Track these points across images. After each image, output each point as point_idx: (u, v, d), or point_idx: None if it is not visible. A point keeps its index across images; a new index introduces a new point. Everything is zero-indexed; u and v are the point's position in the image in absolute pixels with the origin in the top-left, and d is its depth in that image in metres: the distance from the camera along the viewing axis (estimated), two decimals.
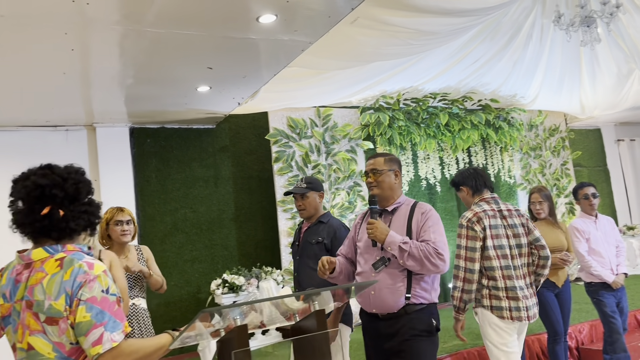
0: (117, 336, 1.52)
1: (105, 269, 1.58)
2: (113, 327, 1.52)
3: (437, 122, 7.15)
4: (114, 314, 1.54)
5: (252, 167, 6.54)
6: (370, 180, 2.73)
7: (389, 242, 2.58)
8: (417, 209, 2.71)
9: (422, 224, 2.66)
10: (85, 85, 4.51)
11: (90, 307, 1.51)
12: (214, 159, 6.38)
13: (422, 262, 2.55)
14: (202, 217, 6.21)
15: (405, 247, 2.55)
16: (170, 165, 6.15)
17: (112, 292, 1.56)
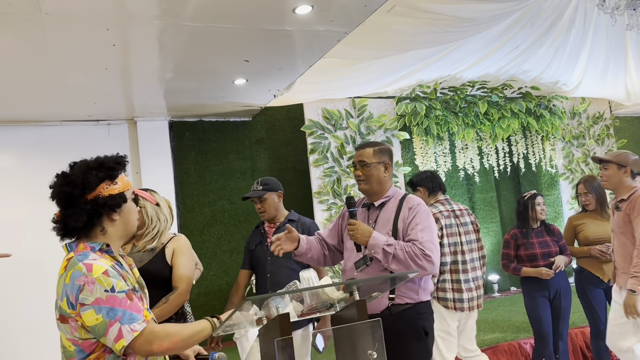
0: (138, 326, 1.54)
1: (105, 269, 1.55)
2: (130, 319, 1.53)
3: (475, 111, 7.02)
4: (128, 308, 1.54)
5: (287, 159, 6.57)
6: (358, 174, 2.57)
7: (372, 245, 2.41)
8: (405, 203, 2.52)
9: (410, 220, 2.47)
10: (126, 79, 4.62)
11: (99, 308, 1.51)
12: (250, 151, 6.44)
13: (407, 264, 2.37)
14: (240, 208, 6.28)
15: (390, 250, 2.38)
16: (208, 158, 6.23)
17: (119, 289, 1.54)
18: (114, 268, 1.60)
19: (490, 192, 7.31)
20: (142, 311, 1.58)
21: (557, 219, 7.54)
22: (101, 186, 1.63)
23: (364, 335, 1.77)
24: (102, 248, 1.64)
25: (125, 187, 1.69)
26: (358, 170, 2.57)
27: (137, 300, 1.60)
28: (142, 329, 1.54)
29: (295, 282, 1.98)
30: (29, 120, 5.45)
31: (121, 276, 1.60)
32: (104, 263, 1.58)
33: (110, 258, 1.65)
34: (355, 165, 2.59)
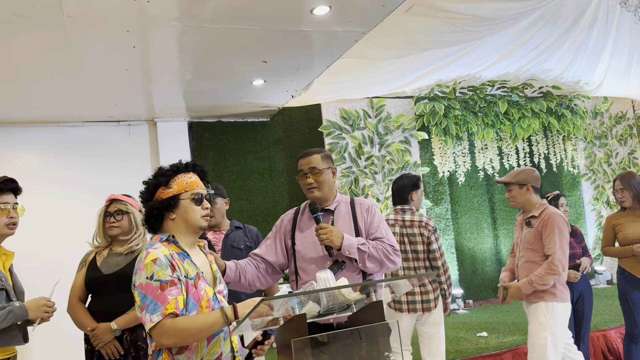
0: (155, 317, 1.71)
1: (155, 257, 1.77)
2: (153, 310, 1.72)
3: (495, 111, 6.94)
4: (156, 298, 1.73)
5: None
6: (311, 181, 2.51)
7: (347, 246, 2.40)
8: (358, 205, 2.57)
9: (370, 221, 2.54)
10: (146, 81, 4.67)
11: (139, 292, 1.76)
12: (268, 151, 6.46)
13: (382, 261, 2.44)
14: (258, 208, 6.30)
15: (364, 249, 2.42)
16: (226, 158, 6.26)
17: (157, 277, 1.74)
18: (170, 257, 1.80)
19: None
20: (167, 303, 1.72)
21: (579, 220, 7.44)
22: (159, 191, 1.92)
23: (382, 336, 1.76)
24: (168, 239, 1.88)
25: (180, 189, 1.91)
26: (310, 178, 2.51)
27: (176, 291, 1.75)
28: (158, 321, 1.71)
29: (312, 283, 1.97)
30: (52, 121, 5.54)
31: (172, 265, 1.78)
32: (160, 252, 1.79)
33: (175, 248, 1.87)
34: (305, 174, 2.52)
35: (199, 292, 1.83)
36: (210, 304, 1.85)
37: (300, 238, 2.56)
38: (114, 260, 2.87)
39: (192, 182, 1.93)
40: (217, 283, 1.96)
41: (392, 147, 6.56)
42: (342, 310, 1.92)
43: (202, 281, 1.87)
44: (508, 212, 7.18)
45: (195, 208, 1.91)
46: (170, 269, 1.78)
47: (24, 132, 5.47)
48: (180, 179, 1.93)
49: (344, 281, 2.03)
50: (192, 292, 1.82)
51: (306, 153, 2.60)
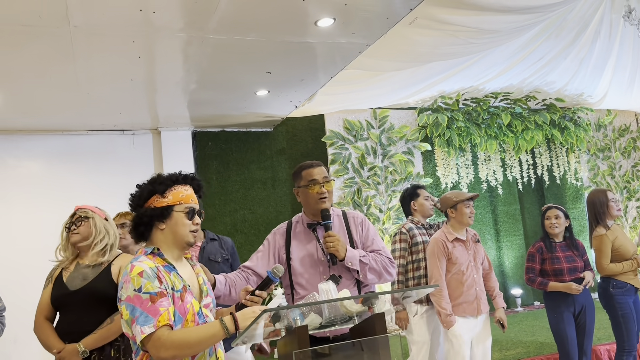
0: (147, 329, 1.67)
1: (141, 270, 1.73)
2: (144, 322, 1.68)
3: (498, 123, 6.96)
4: (147, 310, 1.69)
5: None
6: (324, 191, 2.51)
7: (350, 257, 2.45)
8: (352, 219, 2.63)
9: (365, 233, 2.60)
10: (151, 90, 4.71)
11: (127, 305, 1.71)
12: (271, 161, 6.47)
13: (381, 273, 2.51)
14: (260, 218, 6.30)
15: (365, 261, 2.48)
16: (230, 168, 6.28)
17: (145, 290, 1.71)
18: (156, 270, 1.76)
19: (514, 205, 7.22)
20: (159, 315, 1.70)
21: (582, 232, 7.39)
22: (153, 198, 1.85)
23: (383, 348, 1.76)
24: (153, 251, 1.84)
25: (175, 201, 1.85)
26: (324, 187, 2.52)
27: (166, 302, 1.72)
28: (150, 332, 1.68)
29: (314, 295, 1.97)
30: (57, 130, 5.59)
31: (158, 278, 1.75)
32: (146, 265, 1.76)
33: (161, 260, 1.83)
34: (321, 184, 2.52)
35: (185, 305, 1.79)
36: (195, 318, 1.80)
37: (295, 252, 2.56)
38: (80, 274, 2.71)
39: (188, 196, 1.89)
40: (204, 296, 1.92)
41: (395, 157, 6.57)
42: (344, 322, 1.91)
43: (189, 294, 1.84)
44: (511, 224, 7.16)
45: (186, 222, 1.86)
46: (157, 281, 1.74)
47: (29, 141, 5.52)
48: (176, 190, 1.87)
49: (345, 293, 2.04)
50: (179, 305, 1.79)
51: (317, 163, 2.62)
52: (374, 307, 1.85)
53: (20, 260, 5.07)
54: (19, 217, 5.30)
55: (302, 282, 2.52)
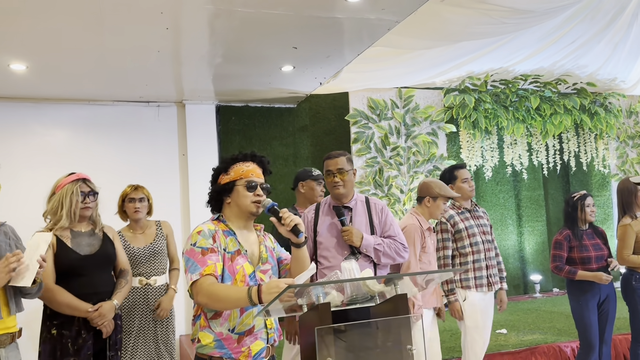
0: (194, 276, 1.94)
1: (201, 230, 2.02)
2: (193, 270, 1.95)
3: (527, 106, 6.82)
4: (197, 261, 1.96)
5: (330, 147, 6.41)
6: (337, 180, 2.91)
7: (365, 245, 2.85)
8: (373, 205, 3.01)
9: (384, 219, 2.98)
10: (177, 63, 4.71)
11: (185, 257, 2.00)
12: (293, 138, 6.45)
13: (394, 257, 2.91)
14: (281, 195, 6.19)
15: (380, 248, 2.87)
16: (252, 143, 6.25)
17: (199, 245, 1.98)
18: (214, 232, 2.02)
19: (538, 190, 7.12)
20: (206, 266, 1.94)
21: (607, 221, 7.31)
22: (220, 177, 2.13)
23: (404, 329, 1.76)
24: (219, 218, 2.11)
25: (236, 176, 2.09)
26: (337, 177, 2.91)
27: (215, 257, 1.96)
28: (196, 279, 1.92)
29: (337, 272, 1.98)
30: (83, 99, 5.63)
31: (213, 237, 2.00)
32: (206, 226, 2.03)
33: (223, 226, 2.08)
34: (333, 174, 2.92)
35: (234, 266, 2.00)
36: (246, 279, 2.01)
37: (322, 228, 2.96)
38: (83, 240, 2.86)
39: (248, 170, 2.10)
40: (262, 262, 2.10)
41: (419, 138, 6.50)
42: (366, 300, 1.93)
43: (242, 257, 2.04)
44: (534, 209, 7.09)
45: (247, 194, 2.07)
46: (212, 240, 1.99)
47: (55, 109, 5.57)
48: (238, 167, 2.11)
49: (368, 272, 2.05)
50: (228, 264, 2.00)
51: (334, 155, 3.01)
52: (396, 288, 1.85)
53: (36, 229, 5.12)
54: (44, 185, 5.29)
55: (326, 255, 2.92)
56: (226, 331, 1.99)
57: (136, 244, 3.63)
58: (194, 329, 2.05)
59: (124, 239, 3.62)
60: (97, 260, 2.87)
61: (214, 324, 2.00)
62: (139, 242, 3.65)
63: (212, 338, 1.99)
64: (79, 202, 2.85)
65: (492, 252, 3.66)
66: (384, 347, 1.79)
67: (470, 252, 3.57)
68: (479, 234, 3.59)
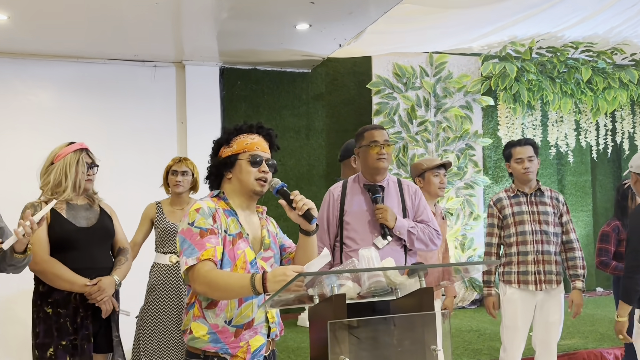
0: (191, 260, 1.91)
1: (199, 207, 1.99)
2: (190, 254, 1.92)
3: (576, 78, 6.71)
4: (194, 243, 1.93)
5: (348, 119, 6.47)
6: (384, 152, 3.00)
7: (398, 227, 2.95)
8: (405, 187, 3.13)
9: (417, 203, 3.11)
10: (177, 17, 4.66)
11: (179, 237, 1.98)
12: (307, 107, 6.41)
13: (427, 244, 3.03)
14: (291, 171, 6.30)
15: (414, 231, 2.99)
16: (259, 112, 6.22)
17: (197, 225, 1.96)
18: (214, 210, 2.00)
19: (585, 176, 7.07)
20: (204, 249, 1.92)
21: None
22: (222, 149, 2.11)
23: (428, 328, 1.74)
24: (219, 195, 2.09)
25: (239, 149, 2.07)
26: (384, 148, 3.01)
27: (215, 240, 1.95)
28: (192, 264, 1.90)
29: (353, 261, 1.96)
30: (70, 56, 5.60)
31: (214, 217, 1.98)
32: (205, 203, 2.01)
33: (224, 204, 2.07)
34: (381, 145, 3.01)
35: (236, 251, 1.99)
36: (247, 265, 2.00)
37: (350, 208, 3.05)
38: (79, 213, 2.92)
39: (253, 143, 2.08)
40: (264, 249, 2.10)
41: (451, 112, 6.43)
42: (385, 293, 1.91)
43: (243, 241, 2.03)
44: (579, 197, 7.06)
45: (251, 170, 2.04)
46: (211, 220, 1.97)
47: (39, 66, 5.57)
48: (241, 139, 2.08)
49: (390, 262, 2.02)
50: (229, 248, 1.99)
51: (376, 126, 3.18)
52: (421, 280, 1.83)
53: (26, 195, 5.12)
54: (27, 149, 5.29)
55: (354, 236, 3.00)
56: (222, 323, 1.97)
57: (172, 219, 3.80)
58: (186, 318, 2.05)
59: (162, 211, 3.84)
60: (95, 233, 2.91)
61: (209, 314, 1.98)
62: (176, 218, 3.80)
63: (206, 330, 1.97)
64: (85, 173, 2.90)
65: (549, 245, 3.46)
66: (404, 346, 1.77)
67: (514, 242, 3.48)
68: (531, 223, 3.46)
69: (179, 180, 3.78)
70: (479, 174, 6.52)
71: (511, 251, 3.49)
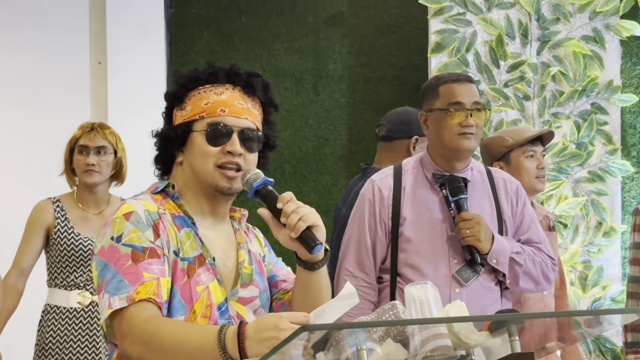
0: (117, 302, 1.76)
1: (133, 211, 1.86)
2: (115, 289, 1.79)
3: None
4: (123, 273, 1.80)
5: (386, 58, 5.66)
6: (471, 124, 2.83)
7: (497, 252, 2.74)
8: (501, 182, 2.98)
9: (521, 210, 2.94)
10: None
11: (98, 260, 1.86)
12: (315, 38, 5.63)
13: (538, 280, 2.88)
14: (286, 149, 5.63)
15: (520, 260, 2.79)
16: (233, 44, 5.59)
17: (127, 241, 1.82)
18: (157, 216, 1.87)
19: None
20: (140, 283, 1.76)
21: None
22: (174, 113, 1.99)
23: None
24: (165, 190, 1.95)
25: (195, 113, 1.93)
26: (473, 118, 2.83)
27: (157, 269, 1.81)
28: (120, 307, 1.76)
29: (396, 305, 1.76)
30: None
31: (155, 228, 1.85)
32: (141, 205, 1.88)
33: (174, 207, 1.93)
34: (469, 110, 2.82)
35: (193, 287, 1.86)
36: (212, 312, 1.86)
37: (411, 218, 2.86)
38: None
39: (216, 103, 1.94)
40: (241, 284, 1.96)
41: (566, 47, 5.51)
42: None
43: (207, 272, 1.90)
44: None
45: (208, 149, 1.90)
46: (152, 233, 1.83)
47: None
48: (200, 95, 1.96)
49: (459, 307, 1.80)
50: (181, 282, 1.85)
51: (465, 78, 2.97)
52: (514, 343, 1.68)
53: None
54: None
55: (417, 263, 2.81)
56: None
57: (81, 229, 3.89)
58: None
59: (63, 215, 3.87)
60: None
61: None
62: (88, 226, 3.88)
63: None
64: None
65: None
66: None
67: None
68: None
69: (92, 163, 3.68)
70: (614, 156, 5.65)
71: None
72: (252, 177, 1.87)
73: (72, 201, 3.82)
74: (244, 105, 1.93)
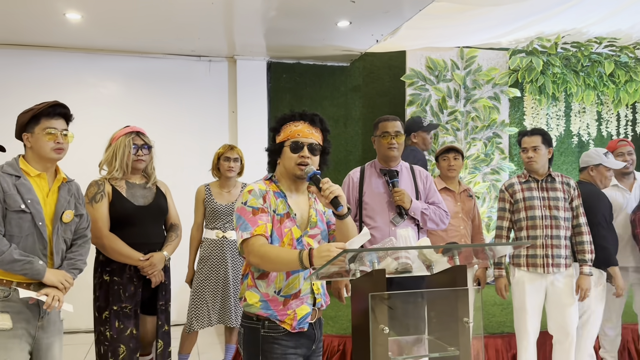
0: (245, 234, 1.95)
1: (252, 189, 2.03)
2: (244, 228, 1.96)
3: (599, 72, 6.43)
4: (248, 220, 1.97)
5: (383, 109, 6.33)
6: (394, 142, 3.03)
7: (413, 208, 3.01)
8: (418, 172, 3.18)
9: (428, 186, 3.17)
10: (229, 16, 4.67)
11: (236, 215, 2.02)
12: (345, 98, 6.36)
13: (438, 223, 3.09)
14: (331, 156, 6.21)
15: (427, 212, 3.04)
16: (303, 103, 6.18)
17: (250, 204, 1.99)
18: (265, 192, 2.04)
19: None
20: (257, 225, 1.95)
21: None
22: (275, 138, 2.14)
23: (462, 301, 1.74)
24: (271, 178, 2.13)
25: (284, 137, 2.09)
26: (395, 139, 3.04)
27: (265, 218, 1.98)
28: (246, 237, 1.94)
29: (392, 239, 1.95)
30: (136, 51, 5.70)
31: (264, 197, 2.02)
32: (257, 185, 2.06)
33: (275, 187, 2.10)
34: (392, 135, 3.04)
35: (282, 229, 2.01)
36: (293, 242, 2.02)
37: (368, 192, 3.08)
38: (137, 192, 3.01)
39: (295, 131, 2.08)
40: (310, 227, 2.10)
41: (480, 102, 6.26)
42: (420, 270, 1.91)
43: (290, 221, 2.04)
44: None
45: (292, 156, 2.05)
46: (262, 200, 2.00)
47: (108, 60, 5.67)
48: (287, 127, 2.10)
49: (425, 241, 2.05)
50: (277, 226, 2.01)
51: (388, 118, 3.14)
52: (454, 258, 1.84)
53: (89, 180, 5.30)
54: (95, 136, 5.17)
55: (372, 215, 3.03)
56: (272, 293, 2.02)
57: (220, 200, 3.84)
58: (242, 287, 2.11)
59: (210, 193, 3.85)
60: (150, 211, 3.02)
61: (261, 284, 2.03)
62: (223, 199, 3.85)
63: (258, 298, 2.03)
64: (130, 154, 2.97)
65: (558, 229, 3.31)
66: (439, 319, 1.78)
67: (525, 226, 3.36)
68: (541, 208, 3.33)
69: (232, 166, 3.79)
70: (504, 161, 6.36)
71: (521, 235, 3.38)
72: (308, 169, 2.05)
73: (216, 185, 3.90)
74: (310, 131, 2.12)
